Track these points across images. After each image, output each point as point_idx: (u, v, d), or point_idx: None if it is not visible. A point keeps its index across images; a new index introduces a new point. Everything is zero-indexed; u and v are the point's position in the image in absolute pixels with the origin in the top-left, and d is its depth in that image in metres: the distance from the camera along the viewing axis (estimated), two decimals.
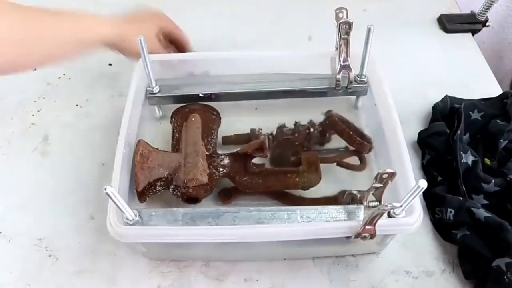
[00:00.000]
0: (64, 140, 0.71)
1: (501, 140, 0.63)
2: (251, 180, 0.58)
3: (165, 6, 0.72)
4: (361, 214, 0.49)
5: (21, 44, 0.51)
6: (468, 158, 0.61)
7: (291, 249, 0.56)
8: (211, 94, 0.66)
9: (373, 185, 0.46)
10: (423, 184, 0.41)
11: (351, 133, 0.60)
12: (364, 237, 0.47)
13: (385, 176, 0.45)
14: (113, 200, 0.44)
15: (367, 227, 0.46)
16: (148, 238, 0.49)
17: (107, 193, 0.42)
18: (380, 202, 0.48)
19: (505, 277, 0.50)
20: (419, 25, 0.89)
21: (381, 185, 0.46)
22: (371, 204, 0.49)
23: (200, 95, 0.65)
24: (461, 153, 0.61)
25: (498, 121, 0.65)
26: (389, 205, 0.43)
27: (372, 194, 0.49)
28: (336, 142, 0.65)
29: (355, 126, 0.63)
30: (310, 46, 0.85)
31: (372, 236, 0.47)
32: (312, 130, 0.62)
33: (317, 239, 0.49)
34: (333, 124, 0.62)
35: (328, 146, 0.66)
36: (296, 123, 0.64)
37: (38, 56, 0.55)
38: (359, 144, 0.60)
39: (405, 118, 0.60)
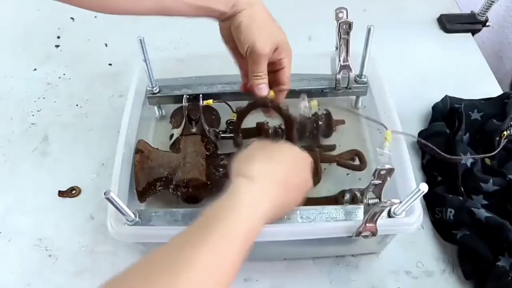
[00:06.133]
0: (64, 140, 0.71)
1: (497, 139, 0.63)
2: None
3: None
4: (360, 213, 0.49)
5: None
6: (467, 159, 0.61)
7: (291, 249, 0.56)
8: (211, 94, 0.66)
9: (372, 182, 0.46)
10: (424, 187, 0.41)
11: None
12: (366, 236, 0.47)
13: (383, 172, 0.45)
14: (113, 204, 0.44)
15: (368, 224, 0.46)
16: (148, 238, 0.49)
17: (106, 198, 0.42)
18: (380, 199, 0.48)
19: (509, 277, 0.50)
20: (419, 25, 0.90)
21: (380, 181, 0.46)
22: (370, 201, 0.49)
23: (200, 95, 0.65)
24: (461, 154, 0.61)
25: (494, 120, 0.65)
26: (388, 201, 0.43)
27: (372, 191, 0.49)
28: (336, 141, 0.65)
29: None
30: (310, 46, 0.85)
31: (374, 233, 0.47)
32: (320, 123, 0.62)
33: (317, 239, 0.49)
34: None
35: (328, 142, 0.66)
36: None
37: None
38: None
39: (405, 118, 0.60)
